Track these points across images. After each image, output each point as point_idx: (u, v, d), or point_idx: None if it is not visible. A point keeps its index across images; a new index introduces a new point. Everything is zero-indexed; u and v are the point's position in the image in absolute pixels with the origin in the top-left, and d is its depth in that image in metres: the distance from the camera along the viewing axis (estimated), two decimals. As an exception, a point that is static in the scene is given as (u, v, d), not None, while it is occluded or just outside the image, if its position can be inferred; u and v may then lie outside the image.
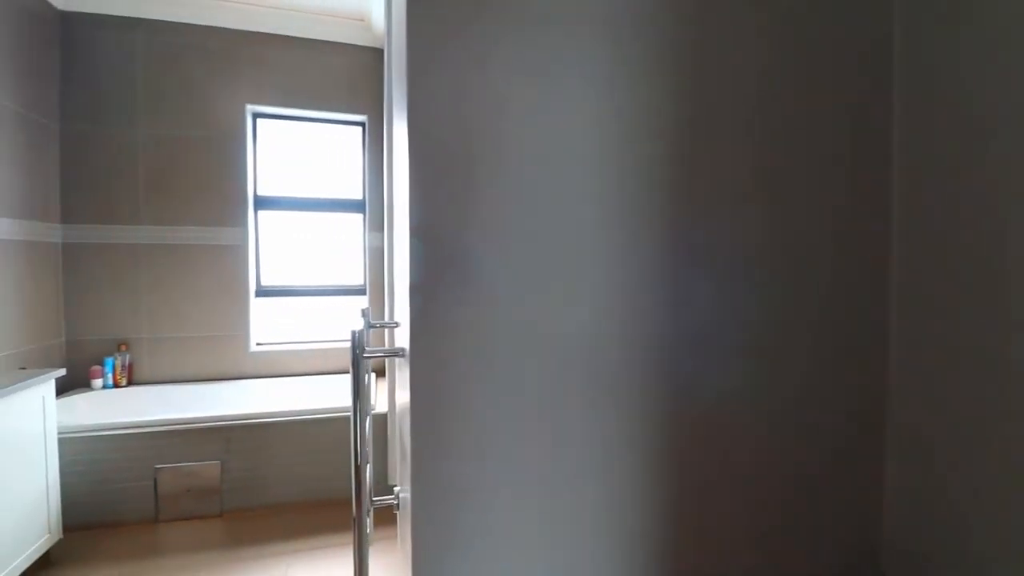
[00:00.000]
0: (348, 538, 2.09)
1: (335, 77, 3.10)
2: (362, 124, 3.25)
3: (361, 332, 0.86)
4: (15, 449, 1.70)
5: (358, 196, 3.28)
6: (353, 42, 3.13)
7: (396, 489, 1.29)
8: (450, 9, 0.63)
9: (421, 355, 0.65)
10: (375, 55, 3.16)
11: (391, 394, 2.28)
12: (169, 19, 2.81)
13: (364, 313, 1.30)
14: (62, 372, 1.93)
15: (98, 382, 2.63)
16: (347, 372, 3.10)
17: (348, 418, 2.38)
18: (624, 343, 0.70)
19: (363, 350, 0.86)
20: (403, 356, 0.86)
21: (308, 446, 2.32)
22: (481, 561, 0.67)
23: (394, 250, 1.46)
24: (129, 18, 2.76)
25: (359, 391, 0.86)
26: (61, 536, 1.92)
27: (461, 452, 0.66)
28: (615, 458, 0.71)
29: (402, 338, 1.04)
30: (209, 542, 2.07)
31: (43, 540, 1.82)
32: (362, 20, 3.12)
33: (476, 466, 0.67)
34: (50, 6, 2.61)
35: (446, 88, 0.63)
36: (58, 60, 2.66)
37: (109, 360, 2.66)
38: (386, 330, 2.52)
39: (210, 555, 1.98)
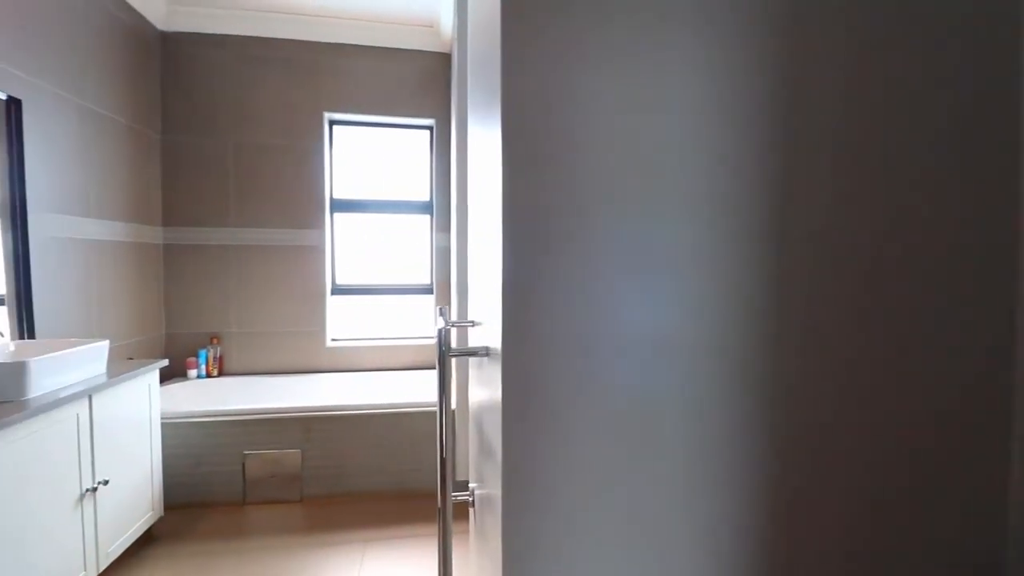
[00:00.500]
0: (419, 529, 2.15)
1: (405, 83, 3.20)
2: (430, 128, 3.33)
3: (447, 331, 0.88)
4: (128, 432, 1.88)
5: (425, 198, 3.37)
6: (422, 48, 3.22)
7: (471, 486, 1.31)
8: (542, 3, 0.63)
9: (513, 354, 0.65)
10: (442, 60, 3.23)
11: (461, 391, 2.33)
12: (256, 34, 3.01)
13: (442, 312, 1.34)
14: (165, 363, 2.12)
15: (193, 372, 2.86)
16: (415, 368, 3.20)
17: (420, 413, 2.45)
18: (723, 344, 0.67)
19: (449, 348, 0.88)
20: (487, 355, 0.87)
21: (382, 439, 2.41)
22: (571, 562, 0.67)
23: (468, 250, 1.48)
24: (221, 35, 2.98)
25: (445, 387, 0.88)
26: (162, 514, 2.10)
27: (552, 452, 0.66)
28: (710, 462, 0.69)
29: (481, 337, 1.05)
30: (290, 526, 2.19)
31: (147, 516, 2.00)
32: (431, 26, 3.20)
33: (567, 467, 0.66)
34: (152, 27, 2.86)
35: (539, 82, 0.63)
36: (159, 76, 2.92)
37: (203, 352, 2.89)
38: (454, 328, 2.59)
39: (291, 538, 2.10)
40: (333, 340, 3.18)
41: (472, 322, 1.27)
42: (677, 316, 0.67)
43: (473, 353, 0.94)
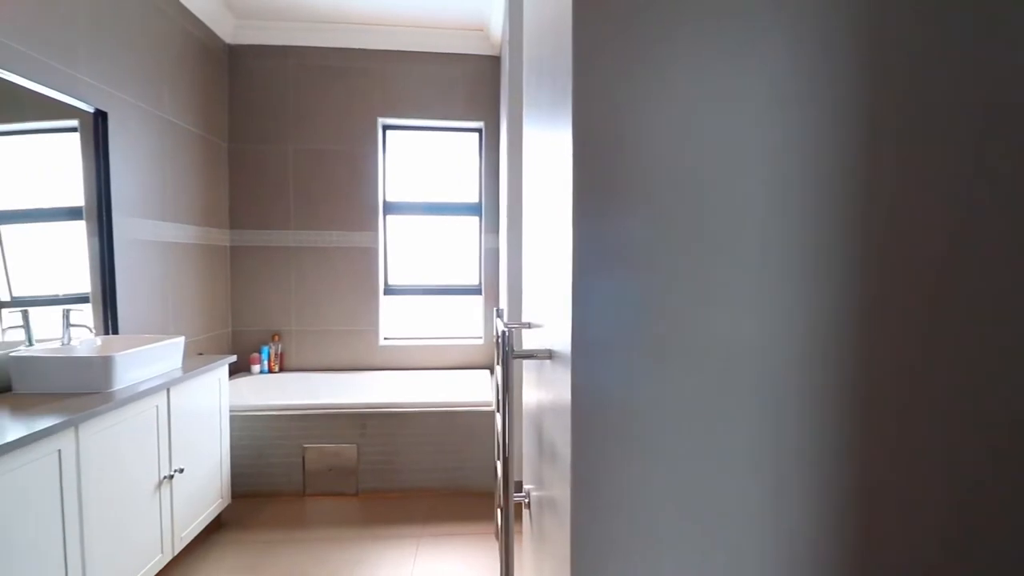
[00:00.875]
0: (469, 527, 2.17)
1: (455, 87, 3.24)
2: (479, 130, 3.37)
3: (510, 333, 0.88)
4: (200, 424, 1.99)
5: (474, 199, 3.40)
6: (472, 52, 3.25)
7: (527, 487, 1.31)
8: (618, 2, 0.62)
9: (583, 359, 0.64)
10: (492, 63, 3.26)
11: (497, 392, 2.34)
12: (315, 44, 3.13)
13: (499, 313, 1.34)
14: (234, 358, 2.24)
15: (256, 367, 3.00)
16: (463, 368, 3.23)
17: (469, 413, 2.47)
18: (805, 350, 0.64)
19: (512, 350, 0.88)
20: (550, 358, 0.87)
21: (433, 436, 2.45)
22: (641, 567, 0.66)
23: (522, 251, 1.48)
24: (282, 46, 3.12)
25: (509, 388, 0.89)
26: (230, 501, 2.22)
27: (623, 459, 0.65)
28: (787, 469, 0.66)
29: (540, 339, 1.05)
30: (346, 518, 2.26)
31: (217, 504, 2.11)
32: (481, 30, 3.23)
33: (639, 471, 0.65)
34: (221, 41, 3.03)
35: (609, 81, 0.62)
36: (226, 87, 3.08)
37: (265, 348, 3.04)
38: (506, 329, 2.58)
39: (347, 530, 2.16)
40: (385, 339, 3.26)
41: (528, 324, 1.27)
42: (757, 321, 0.64)
43: (536, 356, 0.94)
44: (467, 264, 3.43)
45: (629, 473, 0.65)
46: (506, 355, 0.87)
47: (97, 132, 2.03)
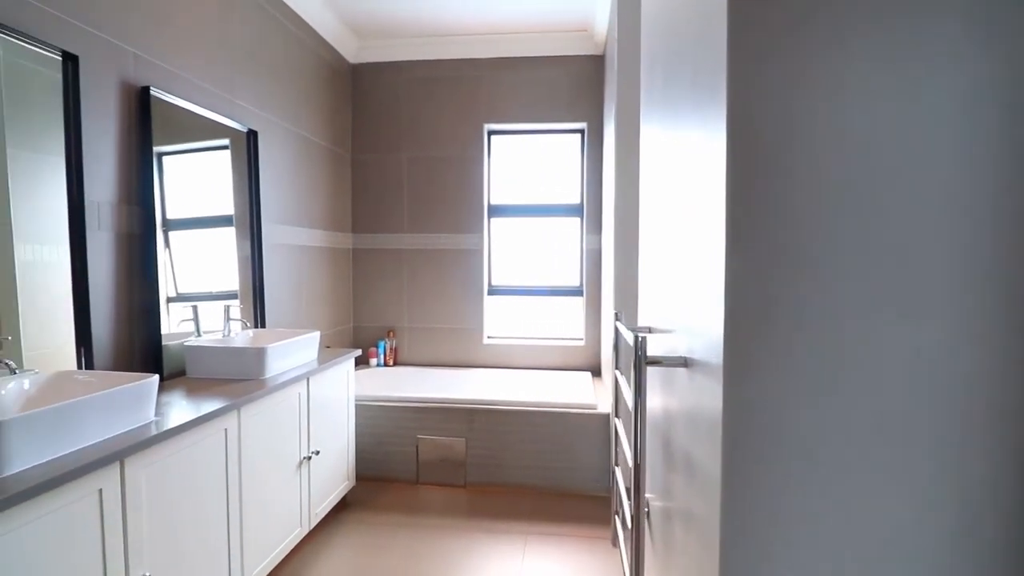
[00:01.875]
0: (576, 529, 2.18)
1: (558, 89, 3.26)
2: (581, 131, 3.35)
3: (643, 338, 0.87)
4: (332, 411, 2.20)
5: (575, 200, 3.40)
6: (575, 53, 3.25)
7: (647, 496, 1.29)
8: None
9: (737, 368, 0.62)
10: (595, 63, 3.23)
11: (616, 396, 2.30)
12: (426, 58, 3.31)
13: (618, 316, 1.33)
14: (359, 352, 2.44)
15: (374, 361, 3.25)
16: (563, 369, 3.24)
17: (574, 414, 2.48)
18: (993, 360, 0.57)
19: (645, 356, 0.87)
20: (685, 366, 0.85)
21: (537, 435, 2.49)
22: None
23: (639, 253, 1.45)
24: (397, 62, 3.33)
25: (641, 394, 0.88)
26: (355, 483, 2.42)
27: (784, 479, 0.61)
28: (972, 504, 0.58)
29: (666, 345, 1.03)
30: (455, 508, 2.37)
31: (344, 485, 2.31)
32: (584, 30, 3.21)
33: (801, 496, 0.61)
34: (346, 61, 3.30)
35: (773, 80, 0.59)
36: (350, 102, 3.36)
37: (381, 343, 3.28)
38: (603, 330, 2.51)
39: (457, 520, 2.27)
40: (489, 337, 3.37)
41: (649, 328, 1.24)
42: (945, 339, 0.58)
43: (665, 363, 0.92)
44: (568, 265, 3.43)
45: (789, 497, 0.62)
46: (639, 361, 0.86)
47: (249, 149, 2.31)
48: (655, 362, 0.92)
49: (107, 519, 1.12)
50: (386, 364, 3.27)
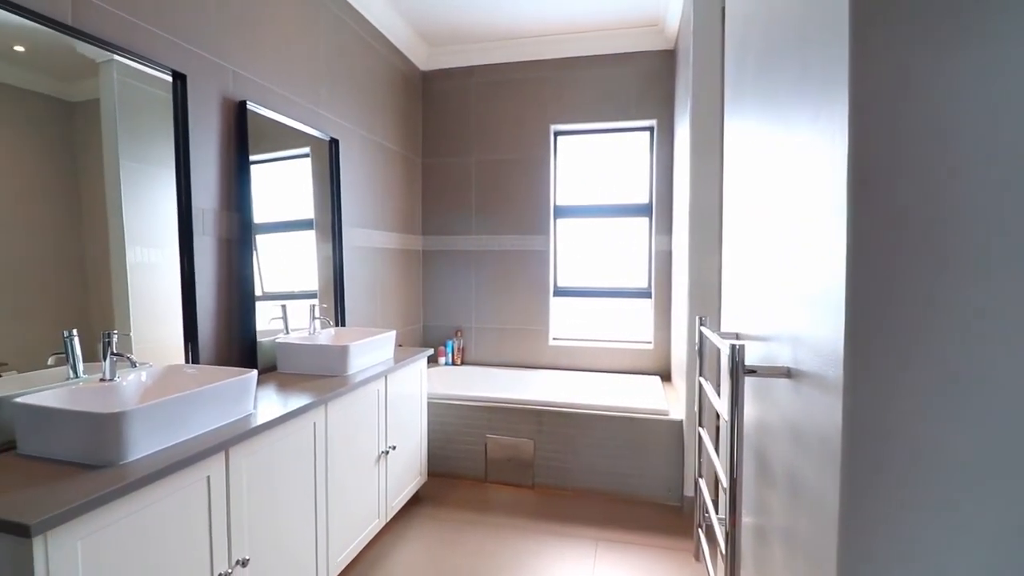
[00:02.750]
0: (649, 539, 2.12)
1: (626, 86, 3.19)
2: (650, 129, 3.27)
3: (741, 346, 0.83)
4: (407, 407, 2.27)
5: (643, 200, 3.31)
6: (644, 49, 3.17)
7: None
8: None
9: (859, 382, 0.57)
10: (665, 58, 3.14)
11: (700, 404, 2.23)
12: (494, 62, 3.34)
13: (703, 321, 1.28)
14: (431, 351, 2.50)
15: (442, 360, 3.33)
16: (631, 373, 3.17)
17: (645, 420, 2.42)
18: None
19: (743, 365, 0.83)
20: (788, 376, 0.80)
21: (610, 440, 2.46)
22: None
23: (723, 256, 1.39)
24: (466, 67, 3.39)
25: (738, 406, 0.84)
26: (426, 479, 2.49)
27: (911, 501, 0.56)
28: None
29: (760, 353, 0.97)
30: (524, 509, 2.38)
31: (417, 480, 2.38)
32: (655, 25, 3.12)
33: (927, 521, 0.56)
34: (417, 69, 3.40)
35: (907, 71, 0.54)
36: (420, 108, 3.46)
37: (449, 343, 3.35)
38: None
39: (525, 520, 2.27)
40: (555, 339, 3.36)
41: (737, 335, 1.19)
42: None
43: (761, 373, 0.87)
44: (636, 266, 3.35)
45: (918, 526, 0.56)
46: (736, 370, 0.82)
47: (332, 157, 2.43)
48: (750, 371, 0.88)
49: (213, 504, 1.21)
50: (454, 363, 3.34)
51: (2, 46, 1.18)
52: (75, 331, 1.30)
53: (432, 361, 3.36)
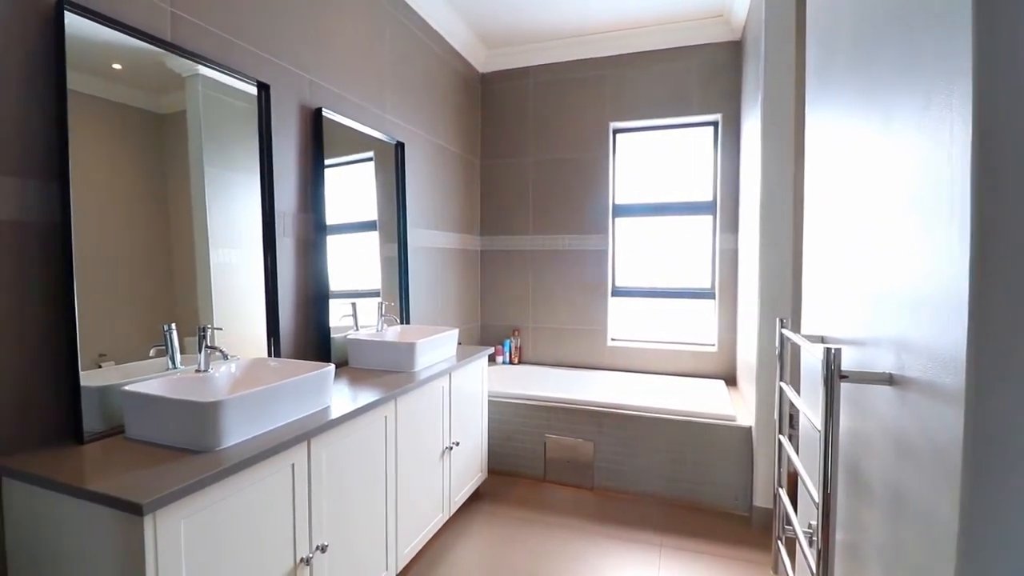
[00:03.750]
0: (718, 548, 2.05)
1: (689, 80, 3.10)
2: (714, 123, 3.16)
3: (838, 351, 0.79)
4: (469, 405, 2.31)
5: (706, 198, 3.20)
6: (707, 41, 3.07)
7: (814, 523, 1.16)
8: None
9: (996, 392, 0.53)
10: (730, 49, 3.02)
11: (761, 409, 2.13)
12: (552, 61, 3.34)
13: (784, 323, 1.22)
14: (491, 350, 2.53)
15: (500, 359, 3.36)
16: (693, 376, 3.08)
17: (709, 425, 2.34)
18: None
19: (839, 371, 0.79)
20: (890, 383, 0.75)
21: (672, 445, 2.40)
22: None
23: (805, 255, 1.32)
24: (524, 68, 3.41)
25: (833, 415, 0.80)
26: (486, 476, 2.52)
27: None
28: None
29: (852, 357, 0.92)
30: (584, 510, 2.36)
31: (478, 477, 2.42)
32: (720, 15, 3.01)
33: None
34: (476, 71, 3.44)
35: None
36: (479, 110, 3.50)
37: (507, 342, 3.38)
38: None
39: (585, 522, 2.25)
40: (613, 340, 3.31)
41: (822, 338, 1.13)
42: None
43: (857, 379, 0.82)
44: (698, 266, 3.25)
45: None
46: (831, 377, 0.78)
47: (397, 160, 2.51)
48: (843, 377, 0.83)
49: (297, 491, 1.28)
50: (511, 362, 3.37)
51: (103, 65, 1.29)
52: (174, 325, 1.41)
53: (490, 360, 3.39)
